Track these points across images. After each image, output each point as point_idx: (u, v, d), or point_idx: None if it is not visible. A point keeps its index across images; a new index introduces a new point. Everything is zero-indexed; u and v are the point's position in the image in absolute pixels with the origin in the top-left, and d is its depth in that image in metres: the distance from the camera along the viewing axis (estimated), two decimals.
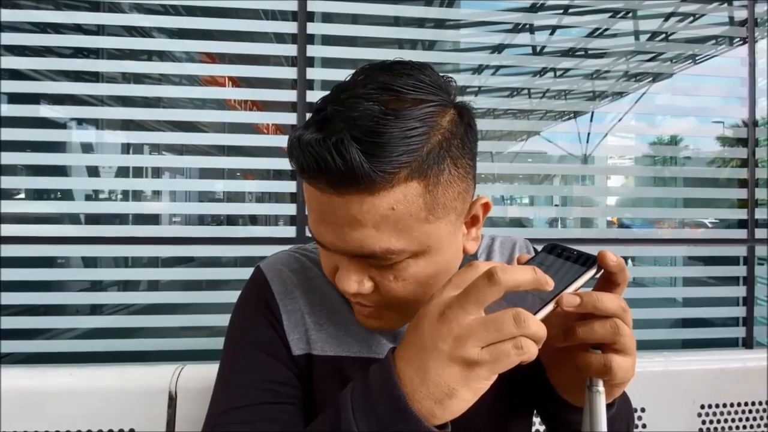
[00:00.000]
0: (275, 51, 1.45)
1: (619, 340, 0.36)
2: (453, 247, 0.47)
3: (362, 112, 0.38)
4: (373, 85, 0.40)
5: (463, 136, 0.43)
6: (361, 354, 0.54)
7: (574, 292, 0.36)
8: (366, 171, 0.36)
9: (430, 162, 0.40)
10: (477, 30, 2.22)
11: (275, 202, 1.71)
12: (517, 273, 0.33)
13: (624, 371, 0.37)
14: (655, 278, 3.65)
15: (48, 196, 2.06)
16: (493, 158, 1.79)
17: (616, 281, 0.37)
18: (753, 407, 1.02)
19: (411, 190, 0.39)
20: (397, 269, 0.43)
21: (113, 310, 2.01)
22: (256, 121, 1.63)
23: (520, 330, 0.32)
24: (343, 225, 0.40)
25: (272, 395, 0.51)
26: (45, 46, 1.50)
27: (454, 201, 0.43)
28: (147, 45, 1.57)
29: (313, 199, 0.42)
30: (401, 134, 0.38)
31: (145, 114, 1.45)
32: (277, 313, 0.54)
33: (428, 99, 0.40)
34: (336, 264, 0.46)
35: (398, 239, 0.40)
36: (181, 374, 0.86)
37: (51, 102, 1.60)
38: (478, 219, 0.49)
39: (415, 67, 0.43)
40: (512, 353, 0.32)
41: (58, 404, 0.82)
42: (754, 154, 1.56)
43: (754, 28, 1.59)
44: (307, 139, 0.38)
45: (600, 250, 0.37)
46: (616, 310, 0.36)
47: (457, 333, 0.33)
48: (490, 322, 0.32)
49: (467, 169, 0.44)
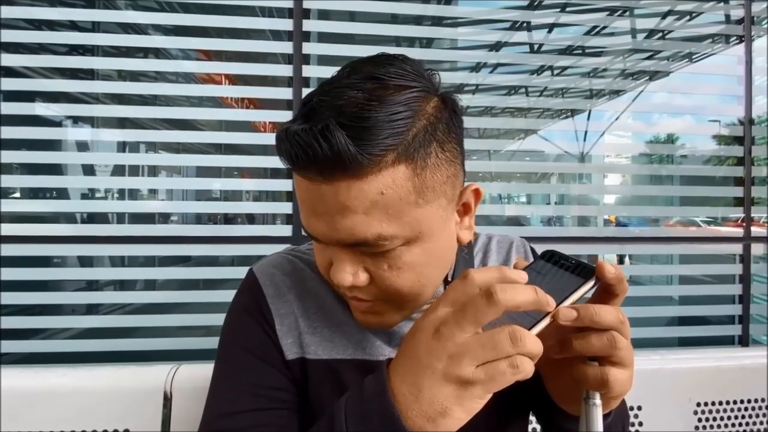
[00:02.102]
0: (271, 48, 1.45)
1: (616, 354, 0.36)
2: (446, 233, 0.46)
3: (347, 100, 0.38)
4: (357, 76, 0.41)
5: (448, 121, 0.43)
6: (356, 356, 0.53)
7: (571, 306, 0.35)
8: (353, 154, 0.37)
9: (416, 145, 0.40)
10: (475, 29, 2.22)
11: (272, 201, 1.70)
12: (517, 293, 0.32)
13: (621, 384, 0.36)
14: (651, 276, 3.66)
15: (44, 195, 2.04)
16: (490, 156, 1.78)
17: (615, 292, 0.37)
18: (749, 405, 1.03)
19: (399, 173, 0.39)
20: (391, 258, 0.43)
21: (109, 310, 2.01)
22: (253, 119, 1.62)
23: (516, 349, 0.31)
24: (333, 213, 0.40)
25: (265, 401, 0.51)
26: (39, 43, 1.49)
27: (444, 185, 0.43)
28: (143, 42, 1.56)
29: (304, 190, 0.42)
30: (386, 118, 0.38)
31: (141, 112, 1.44)
32: (270, 318, 0.54)
33: (411, 85, 0.41)
34: (330, 259, 0.45)
35: (389, 224, 0.40)
36: (177, 374, 0.85)
37: (45, 100, 1.59)
38: (470, 207, 0.49)
39: (398, 58, 0.44)
40: (508, 372, 0.32)
41: (52, 404, 0.82)
42: (750, 152, 1.56)
43: (751, 26, 1.59)
44: (294, 130, 0.38)
45: (598, 261, 0.37)
46: (613, 322, 0.35)
47: (452, 351, 0.32)
48: (485, 340, 0.32)
49: (454, 154, 0.44)
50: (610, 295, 0.37)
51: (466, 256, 0.58)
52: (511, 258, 0.62)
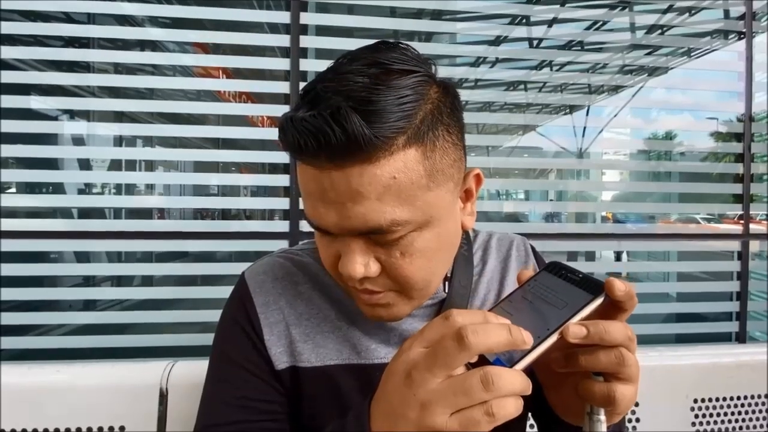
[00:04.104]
0: (268, 41, 1.43)
1: (624, 371, 0.35)
2: (453, 219, 0.46)
3: (353, 85, 0.38)
4: (360, 63, 0.40)
5: (451, 106, 0.44)
6: (350, 361, 0.53)
7: (581, 322, 0.34)
8: (368, 136, 0.36)
9: (424, 128, 0.40)
10: (474, 24, 2.20)
11: (269, 197, 1.69)
12: (489, 335, 0.30)
13: (628, 401, 0.36)
14: (648, 273, 3.67)
15: (40, 190, 2.03)
16: (488, 152, 1.78)
17: (623, 307, 0.36)
18: (746, 401, 1.03)
19: (410, 157, 0.39)
20: (403, 245, 0.42)
21: (106, 306, 1.99)
22: (250, 113, 1.61)
23: (491, 394, 0.29)
24: (345, 201, 0.39)
25: (252, 413, 0.50)
26: (33, 35, 1.47)
27: (451, 168, 0.43)
28: (138, 35, 1.54)
29: (311, 180, 0.41)
30: (395, 101, 0.38)
31: (136, 105, 1.42)
32: (258, 328, 0.53)
33: (415, 70, 0.41)
34: (338, 252, 0.44)
35: (402, 209, 0.40)
36: (173, 371, 0.85)
37: (39, 93, 1.57)
38: (472, 193, 0.49)
39: (397, 45, 0.43)
40: (483, 421, 0.29)
41: (46, 401, 0.81)
42: (750, 148, 1.56)
43: (752, 22, 1.58)
44: (300, 116, 0.37)
45: (608, 278, 0.35)
46: (623, 340, 0.34)
47: (423, 399, 0.31)
48: (457, 386, 0.30)
49: (459, 137, 0.45)
50: (618, 310, 0.36)
51: (466, 254, 0.57)
52: (511, 256, 0.61)
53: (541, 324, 0.34)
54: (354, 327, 0.54)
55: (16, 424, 0.80)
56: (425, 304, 0.54)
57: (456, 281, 0.55)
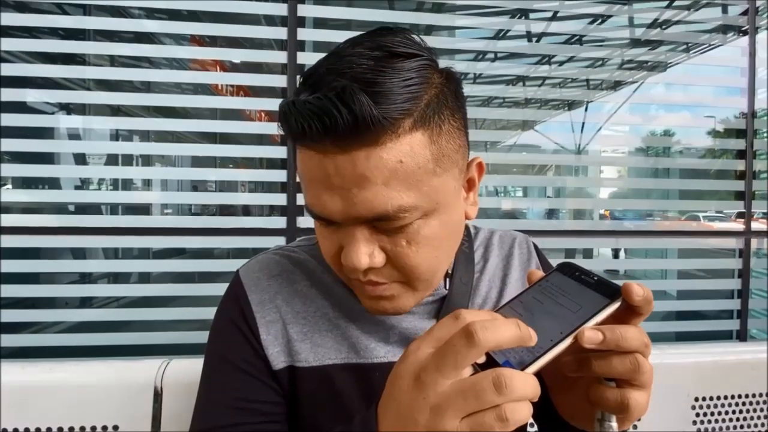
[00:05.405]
0: (265, 34, 1.41)
1: (639, 378, 0.33)
2: (458, 206, 0.46)
3: (358, 67, 0.37)
4: (362, 47, 0.39)
5: (455, 92, 0.43)
6: (349, 360, 0.51)
7: (596, 327, 0.32)
8: (376, 117, 0.35)
9: (430, 112, 0.39)
10: (475, 19, 2.18)
11: (266, 192, 1.67)
12: (499, 331, 0.29)
13: (641, 408, 0.34)
14: (645, 271, 3.67)
15: (35, 185, 2.00)
16: (487, 148, 1.76)
17: (639, 312, 0.34)
18: (747, 399, 1.02)
19: (416, 140, 0.38)
20: (410, 233, 0.41)
21: (103, 303, 1.98)
22: (246, 107, 1.59)
23: (503, 397, 0.28)
24: (350, 186, 0.38)
25: (250, 415, 0.49)
26: (25, 26, 1.44)
27: (456, 153, 0.43)
28: (133, 27, 1.51)
29: (314, 166, 0.39)
30: (400, 83, 0.37)
31: (132, 99, 1.40)
32: (254, 327, 0.52)
33: (419, 54, 0.40)
34: (340, 243, 0.43)
35: (409, 195, 0.39)
36: (167, 369, 0.83)
37: (33, 87, 1.54)
38: (474, 182, 0.48)
39: (400, 29, 0.42)
40: (495, 425, 0.28)
41: (39, 401, 0.80)
42: (752, 145, 1.55)
43: (755, 18, 1.56)
44: (304, 99, 0.36)
45: (625, 282, 0.34)
46: (639, 346, 0.33)
47: (434, 402, 0.30)
48: (468, 389, 0.29)
49: (463, 123, 0.44)
50: (634, 314, 0.34)
51: (467, 250, 0.56)
52: (513, 254, 0.60)
53: (554, 326, 0.33)
54: (352, 325, 0.52)
55: (9, 423, 0.79)
56: (426, 301, 0.53)
57: (457, 278, 0.54)
